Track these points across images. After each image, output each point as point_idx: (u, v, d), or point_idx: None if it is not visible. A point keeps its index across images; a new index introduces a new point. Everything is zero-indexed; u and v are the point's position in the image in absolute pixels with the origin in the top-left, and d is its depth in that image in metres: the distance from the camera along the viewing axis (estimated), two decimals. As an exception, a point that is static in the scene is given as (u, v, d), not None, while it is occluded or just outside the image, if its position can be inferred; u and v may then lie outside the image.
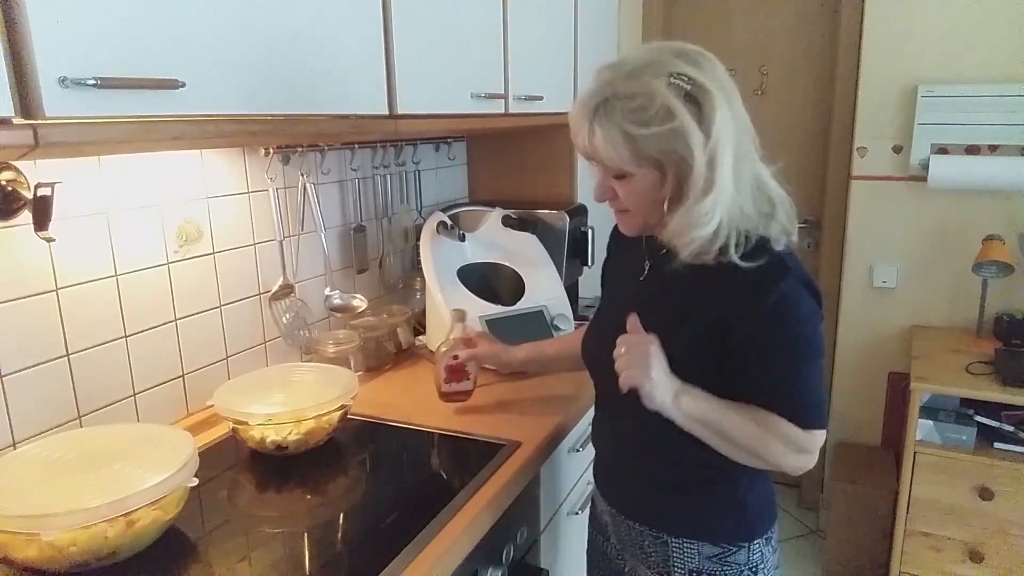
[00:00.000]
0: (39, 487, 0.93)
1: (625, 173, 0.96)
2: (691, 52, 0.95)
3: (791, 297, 0.95)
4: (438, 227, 1.75)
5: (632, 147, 0.92)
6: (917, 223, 2.43)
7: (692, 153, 0.90)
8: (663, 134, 0.90)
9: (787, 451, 0.98)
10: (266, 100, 1.02)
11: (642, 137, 0.91)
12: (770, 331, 0.95)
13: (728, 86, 0.95)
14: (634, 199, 0.99)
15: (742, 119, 0.97)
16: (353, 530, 1.05)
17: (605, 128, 0.92)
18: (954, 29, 2.27)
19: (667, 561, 1.08)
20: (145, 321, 1.29)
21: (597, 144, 0.94)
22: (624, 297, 1.14)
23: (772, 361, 0.97)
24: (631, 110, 0.90)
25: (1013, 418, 2.01)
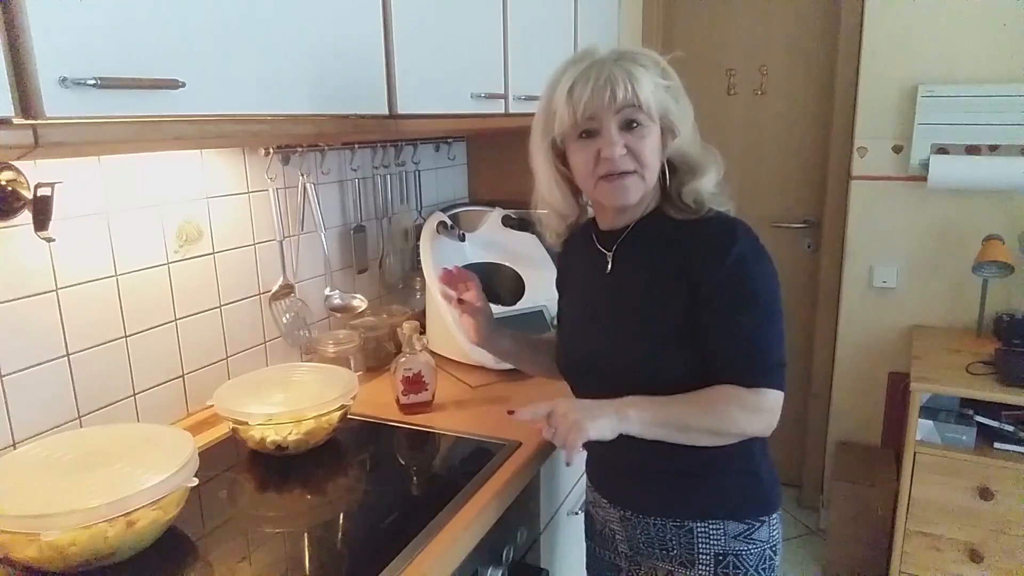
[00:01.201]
0: (39, 487, 0.93)
1: (647, 122, 1.00)
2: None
3: (749, 256, 1.00)
4: (438, 227, 1.75)
5: (656, 95, 1.00)
6: (917, 223, 2.43)
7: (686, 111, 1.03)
8: (670, 91, 1.01)
9: (743, 414, 0.99)
10: (266, 100, 1.02)
11: (661, 87, 1.00)
12: (729, 288, 0.99)
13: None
14: (652, 152, 1.02)
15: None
16: (353, 530, 1.05)
17: (639, 71, 0.98)
18: (954, 29, 2.28)
19: (691, 549, 1.08)
20: (145, 321, 1.29)
21: (640, 84, 0.98)
22: (593, 296, 1.14)
23: (730, 317, 0.99)
24: (645, 65, 1.00)
25: (1013, 418, 2.01)
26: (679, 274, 1.02)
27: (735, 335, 1.00)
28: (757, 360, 1.00)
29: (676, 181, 1.07)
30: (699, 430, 0.99)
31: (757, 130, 2.72)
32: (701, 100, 1.08)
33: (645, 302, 1.05)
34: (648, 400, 0.98)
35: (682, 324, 1.01)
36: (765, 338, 1.00)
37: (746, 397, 0.99)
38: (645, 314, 1.05)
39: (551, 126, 1.04)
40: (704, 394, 1.00)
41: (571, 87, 0.99)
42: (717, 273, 0.99)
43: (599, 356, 1.10)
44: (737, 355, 1.00)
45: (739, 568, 1.08)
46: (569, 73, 1.01)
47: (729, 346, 1.00)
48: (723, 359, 1.00)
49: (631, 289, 1.08)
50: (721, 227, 1.03)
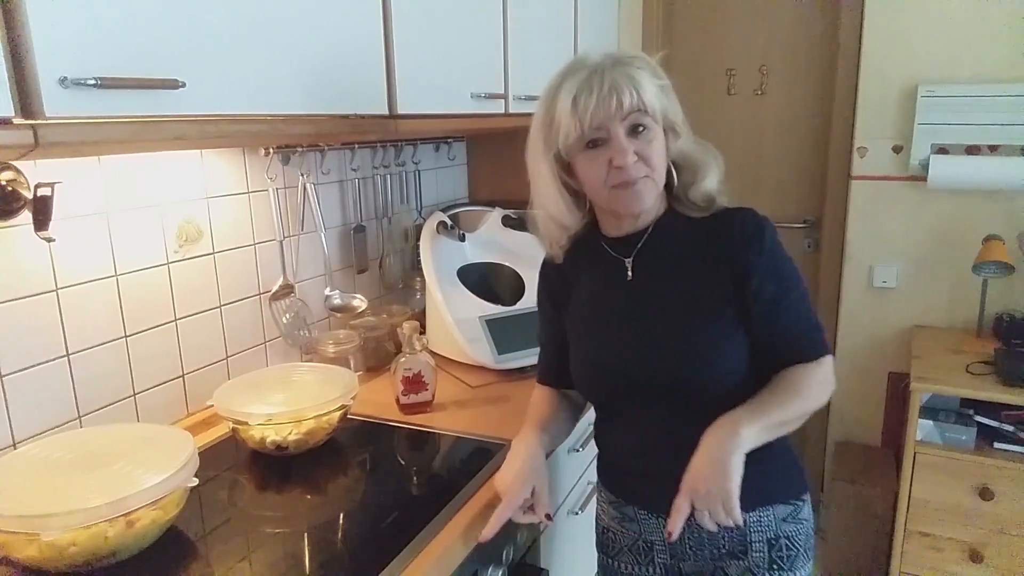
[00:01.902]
0: (39, 487, 0.93)
1: (653, 125, 1.00)
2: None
3: (776, 236, 1.04)
4: (438, 227, 1.75)
5: (665, 100, 1.01)
6: (917, 223, 2.43)
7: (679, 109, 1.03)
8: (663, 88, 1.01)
9: (821, 388, 1.03)
10: (266, 100, 1.02)
11: (662, 89, 1.00)
12: (775, 272, 1.02)
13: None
14: (660, 156, 1.02)
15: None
16: (353, 530, 1.05)
17: (643, 76, 0.98)
18: (954, 29, 2.27)
19: (744, 541, 1.07)
20: (145, 321, 1.29)
21: (644, 88, 0.97)
22: (613, 305, 1.11)
23: (781, 301, 1.02)
24: (644, 66, 0.99)
25: (1013, 418, 2.01)
26: (717, 270, 1.03)
27: (790, 316, 1.03)
28: (812, 333, 1.05)
29: (683, 181, 1.08)
30: (794, 420, 1.01)
31: (757, 130, 2.72)
32: (701, 100, 1.09)
33: (684, 304, 1.05)
34: (745, 412, 0.98)
35: (732, 318, 1.02)
36: (809, 309, 1.06)
37: (817, 371, 1.03)
38: (687, 316, 1.04)
39: (554, 139, 1.01)
40: (785, 383, 1.02)
41: (575, 98, 0.97)
42: (760, 261, 1.01)
43: (636, 366, 1.06)
44: (797, 334, 1.04)
45: (792, 548, 1.08)
46: (569, 84, 0.98)
47: (787, 328, 1.03)
48: (784, 341, 1.03)
49: (662, 293, 1.07)
50: (747, 217, 1.04)
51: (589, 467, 1.65)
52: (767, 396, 1.01)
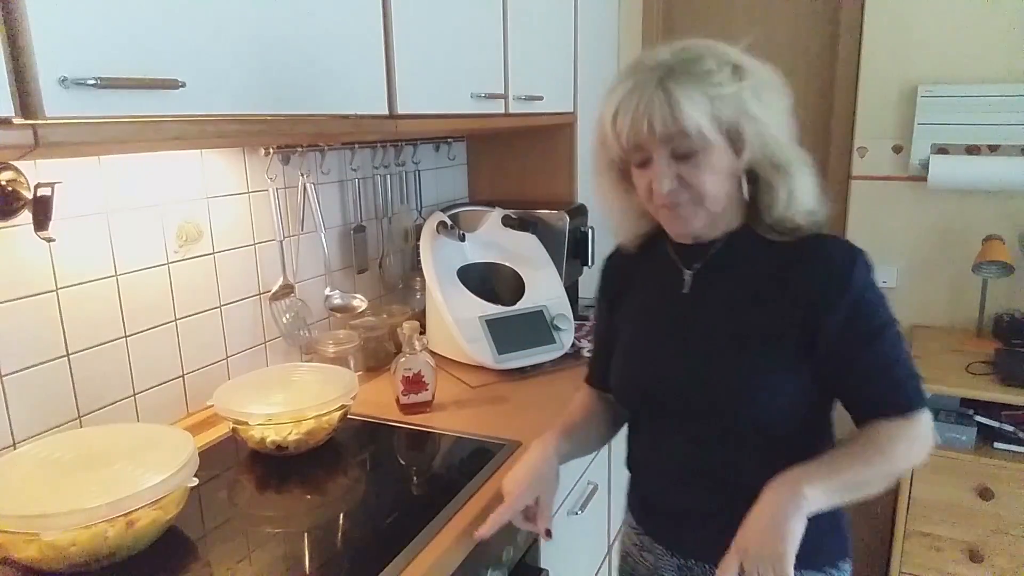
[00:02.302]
0: (39, 487, 0.93)
1: (703, 147, 0.88)
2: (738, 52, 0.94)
3: (871, 274, 0.92)
4: (438, 227, 1.75)
5: (713, 110, 0.86)
6: (917, 223, 2.43)
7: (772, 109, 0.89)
8: (740, 94, 0.86)
9: (911, 448, 0.90)
10: (266, 100, 1.02)
11: (721, 97, 0.85)
12: (860, 318, 0.90)
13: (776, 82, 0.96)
14: (714, 180, 0.90)
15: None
16: (353, 530, 1.05)
17: (683, 88, 0.85)
18: (954, 29, 2.27)
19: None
20: (145, 321, 1.29)
21: (682, 110, 0.84)
22: (665, 318, 1.03)
23: (867, 349, 0.91)
24: (704, 72, 0.86)
25: (1013, 418, 2.01)
26: (787, 302, 0.92)
27: (876, 364, 0.91)
28: (905, 386, 0.92)
29: (758, 201, 0.95)
30: (875, 482, 0.90)
31: (757, 130, 2.71)
32: None
33: (737, 331, 0.95)
34: (814, 470, 0.87)
35: (791, 356, 0.92)
36: (903, 360, 0.92)
37: (907, 430, 0.90)
38: (738, 344, 0.94)
39: (607, 151, 0.95)
40: (866, 439, 0.91)
41: (614, 115, 0.89)
42: (844, 305, 0.89)
43: (672, 388, 0.99)
44: (886, 388, 0.92)
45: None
46: (614, 95, 0.90)
47: (874, 380, 0.91)
48: (870, 395, 0.92)
49: (716, 315, 0.97)
50: (836, 249, 0.92)
51: (589, 467, 1.65)
52: (842, 453, 0.90)
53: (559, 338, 1.71)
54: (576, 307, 2.05)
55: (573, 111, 2.13)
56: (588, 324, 1.98)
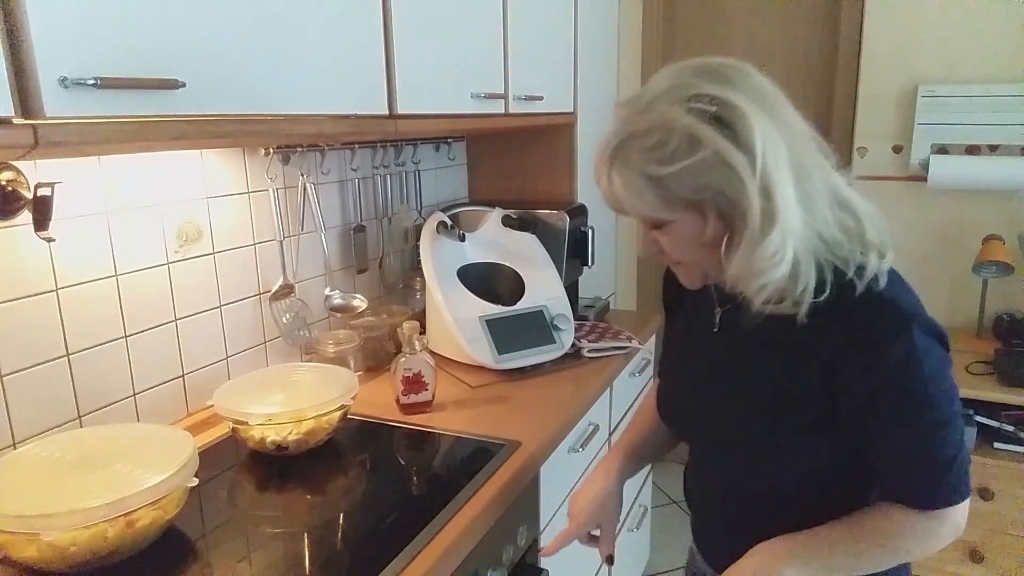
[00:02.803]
0: (39, 487, 0.93)
1: (661, 222, 0.83)
2: (716, 67, 0.80)
3: (919, 350, 0.78)
4: (438, 227, 1.75)
5: (659, 190, 0.78)
6: (917, 223, 2.43)
7: (740, 182, 0.75)
8: (693, 168, 0.76)
9: (921, 543, 0.84)
10: (266, 100, 1.02)
11: (668, 177, 0.77)
12: (891, 395, 0.80)
13: (771, 94, 0.81)
14: (679, 249, 0.85)
15: (797, 127, 0.82)
16: (353, 530, 1.05)
17: (624, 175, 0.79)
18: (954, 29, 2.27)
19: None
20: (145, 321, 1.29)
21: (619, 194, 0.81)
22: (697, 352, 1.00)
23: (894, 430, 0.82)
24: (650, 148, 0.77)
25: (1013, 418, 2.01)
26: (812, 364, 0.83)
27: (902, 451, 0.82)
28: (932, 480, 0.82)
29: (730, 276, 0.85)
30: (868, 564, 0.86)
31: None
32: None
33: (766, 388, 0.88)
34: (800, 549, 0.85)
35: (815, 422, 0.85)
36: (940, 450, 0.81)
37: (922, 524, 0.83)
38: (766, 403, 0.88)
39: None
40: (872, 524, 0.85)
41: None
42: (874, 377, 0.80)
43: (701, 424, 0.99)
44: (907, 478, 0.83)
45: None
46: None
47: (895, 464, 0.83)
48: (889, 477, 0.85)
49: (746, 365, 0.91)
50: (876, 316, 0.80)
51: (589, 467, 1.65)
52: (840, 533, 0.85)
53: (559, 338, 1.71)
54: (576, 307, 2.05)
55: (573, 111, 2.13)
56: (588, 324, 1.98)
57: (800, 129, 0.82)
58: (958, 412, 0.82)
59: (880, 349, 0.79)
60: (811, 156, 0.82)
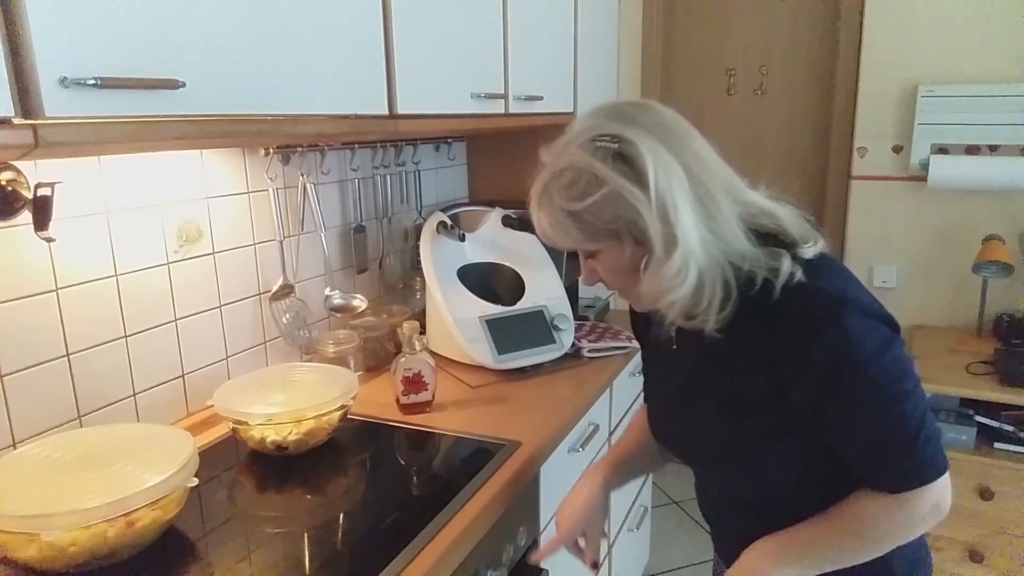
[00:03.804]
0: (39, 487, 0.93)
1: (591, 251, 0.89)
2: (623, 107, 0.87)
3: (850, 334, 0.80)
4: (438, 227, 1.75)
5: (579, 224, 0.85)
6: (917, 223, 2.43)
7: (640, 211, 0.80)
8: (601, 202, 0.82)
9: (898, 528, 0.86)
10: (266, 100, 1.02)
11: (584, 211, 0.83)
12: (836, 385, 0.81)
13: (675, 128, 0.86)
14: (611, 276, 0.91)
15: (704, 155, 0.87)
16: (353, 530, 1.05)
17: (549, 213, 0.86)
18: (954, 29, 2.28)
19: None
20: (145, 321, 1.29)
21: (547, 230, 0.88)
22: (663, 370, 1.06)
23: (844, 420, 0.83)
24: (565, 187, 0.84)
25: (1013, 418, 2.01)
26: (757, 369, 0.86)
27: (860, 438, 0.84)
28: (896, 461, 0.83)
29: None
30: (853, 556, 0.88)
31: (757, 130, 2.71)
32: (701, 100, 1.04)
33: (719, 398, 0.92)
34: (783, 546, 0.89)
35: (781, 425, 0.87)
36: (899, 429, 0.82)
37: (895, 508, 0.84)
38: (729, 414, 0.91)
39: None
40: (846, 515, 0.87)
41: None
42: (811, 370, 0.81)
43: (677, 439, 1.04)
44: (870, 461, 0.85)
45: None
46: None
47: (857, 451, 0.85)
48: (857, 466, 0.86)
49: (705, 379, 0.95)
50: (801, 309, 0.82)
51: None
52: (823, 526, 0.88)
53: (559, 338, 1.71)
54: (576, 307, 2.05)
55: (573, 111, 2.13)
56: (588, 324, 1.98)
57: (707, 156, 0.87)
58: (913, 387, 0.83)
59: (810, 341, 0.81)
60: (718, 179, 0.86)
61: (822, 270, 0.85)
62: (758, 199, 0.90)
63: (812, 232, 0.89)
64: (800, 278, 0.82)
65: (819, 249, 0.87)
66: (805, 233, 0.88)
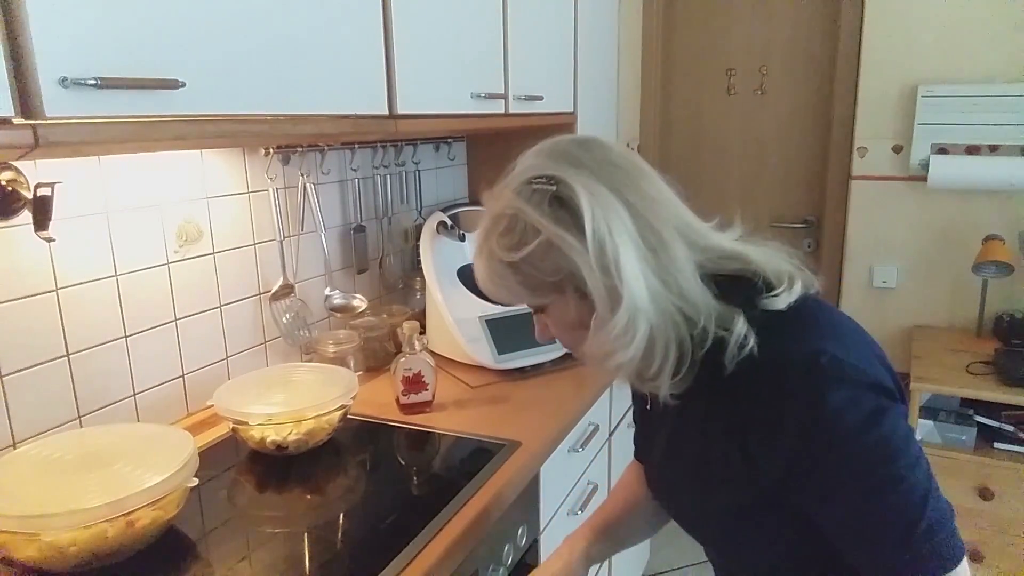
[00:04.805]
0: (39, 487, 0.93)
1: (537, 306, 0.81)
2: (566, 145, 0.78)
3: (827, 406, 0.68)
4: (438, 227, 1.75)
5: (519, 276, 0.76)
6: (917, 223, 2.43)
7: (579, 263, 0.71)
8: (539, 252, 0.73)
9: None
10: (266, 100, 1.02)
11: (522, 261, 0.74)
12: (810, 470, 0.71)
13: (624, 166, 0.76)
14: (560, 332, 0.83)
15: (660, 196, 0.77)
16: (353, 530, 1.05)
17: (489, 263, 0.77)
18: (954, 29, 2.28)
19: None
20: (145, 321, 1.29)
21: (488, 285, 0.79)
22: (641, 427, 1.01)
23: (825, 505, 0.72)
24: (501, 234, 0.75)
25: (1013, 418, 2.01)
26: (731, 439, 0.76)
27: (843, 527, 0.72)
28: (887, 552, 0.69)
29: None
30: None
31: (757, 130, 2.72)
32: (701, 100, 1.02)
33: (703, 471, 0.82)
34: None
35: (747, 502, 0.78)
36: (890, 516, 0.68)
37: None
38: (707, 486, 0.82)
39: None
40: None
41: None
42: (778, 451, 0.71)
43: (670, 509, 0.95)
44: (858, 552, 0.72)
45: None
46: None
47: (842, 541, 0.73)
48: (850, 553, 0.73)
49: (682, 446, 0.86)
50: (779, 376, 0.71)
51: (589, 467, 1.65)
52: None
53: (559, 338, 1.71)
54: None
55: (573, 111, 2.13)
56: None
57: (660, 197, 0.77)
58: (909, 469, 0.68)
59: (777, 415, 0.70)
60: (672, 223, 0.76)
61: (795, 324, 0.74)
62: (723, 242, 0.79)
63: (795, 273, 0.77)
64: (753, 346, 0.71)
65: (797, 294, 0.75)
66: (781, 276, 0.76)
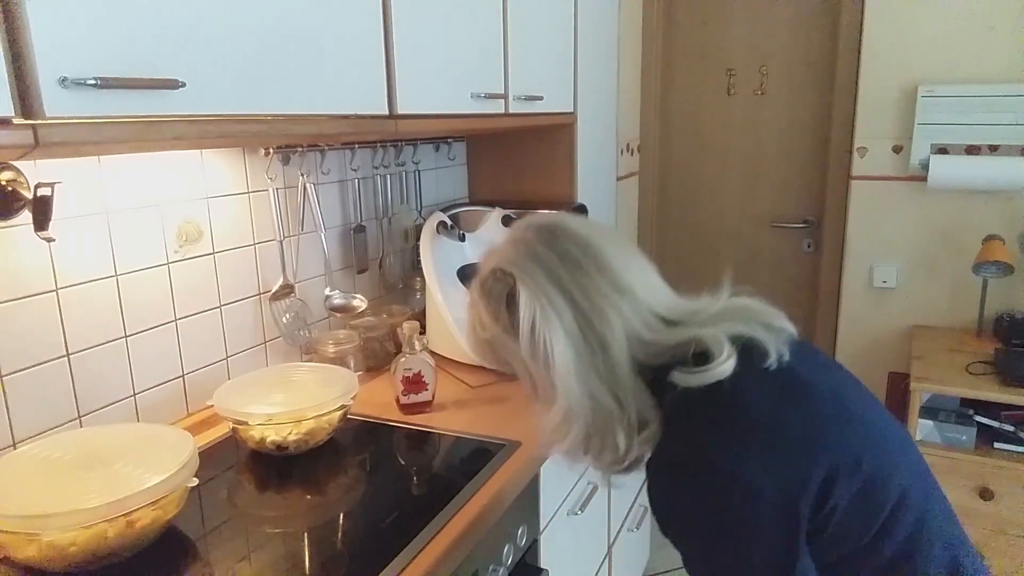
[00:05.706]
0: (39, 487, 0.93)
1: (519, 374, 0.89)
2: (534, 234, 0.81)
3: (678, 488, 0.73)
4: (438, 227, 1.75)
5: (490, 350, 0.87)
6: (917, 223, 2.43)
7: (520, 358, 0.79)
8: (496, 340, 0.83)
9: None
10: (266, 100, 1.02)
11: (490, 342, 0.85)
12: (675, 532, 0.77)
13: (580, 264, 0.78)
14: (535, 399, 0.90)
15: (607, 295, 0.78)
16: (353, 530, 1.05)
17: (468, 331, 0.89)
18: (954, 29, 2.28)
19: None
20: (145, 321, 1.29)
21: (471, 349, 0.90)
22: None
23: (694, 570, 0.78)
24: (474, 319, 0.86)
25: (1013, 418, 2.01)
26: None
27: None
28: None
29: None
30: None
31: (757, 130, 2.72)
32: (701, 100, 1.03)
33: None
34: None
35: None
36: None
37: None
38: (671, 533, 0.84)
39: None
40: None
41: None
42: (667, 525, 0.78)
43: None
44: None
45: None
46: None
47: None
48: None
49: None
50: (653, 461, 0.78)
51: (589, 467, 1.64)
52: None
53: (559, 338, 1.71)
54: (576, 307, 2.04)
55: (573, 111, 2.13)
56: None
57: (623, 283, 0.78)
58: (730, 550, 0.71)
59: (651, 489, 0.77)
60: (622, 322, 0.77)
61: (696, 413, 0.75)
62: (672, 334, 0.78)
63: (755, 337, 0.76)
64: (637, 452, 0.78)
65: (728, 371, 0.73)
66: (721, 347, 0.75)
